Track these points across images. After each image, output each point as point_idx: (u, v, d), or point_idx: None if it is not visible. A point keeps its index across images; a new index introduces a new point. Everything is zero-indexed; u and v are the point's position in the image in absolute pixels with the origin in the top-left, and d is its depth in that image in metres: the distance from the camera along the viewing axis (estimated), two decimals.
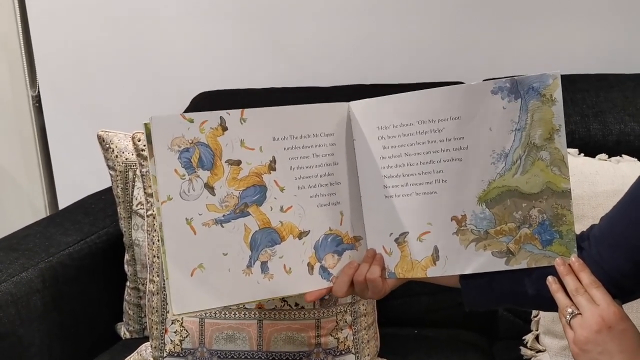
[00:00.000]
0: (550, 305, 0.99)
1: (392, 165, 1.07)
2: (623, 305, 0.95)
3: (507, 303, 1.12)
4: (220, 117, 1.03)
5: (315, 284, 1.10)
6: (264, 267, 1.06)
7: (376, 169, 1.08)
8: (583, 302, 0.93)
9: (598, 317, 0.91)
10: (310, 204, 1.08)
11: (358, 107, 1.09)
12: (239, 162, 1.05)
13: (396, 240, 1.09)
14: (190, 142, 1.02)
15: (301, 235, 1.08)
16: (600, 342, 0.90)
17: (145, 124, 1.01)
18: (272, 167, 1.06)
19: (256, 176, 1.05)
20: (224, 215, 1.04)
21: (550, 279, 0.99)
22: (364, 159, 1.10)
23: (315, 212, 1.09)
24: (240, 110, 1.04)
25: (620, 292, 0.97)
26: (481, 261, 1.05)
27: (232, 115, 1.04)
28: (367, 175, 1.10)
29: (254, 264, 1.05)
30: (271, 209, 1.06)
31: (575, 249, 1.01)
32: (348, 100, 1.10)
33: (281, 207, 1.07)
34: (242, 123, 1.04)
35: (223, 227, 1.04)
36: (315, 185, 1.09)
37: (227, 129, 1.04)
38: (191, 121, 1.02)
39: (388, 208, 1.08)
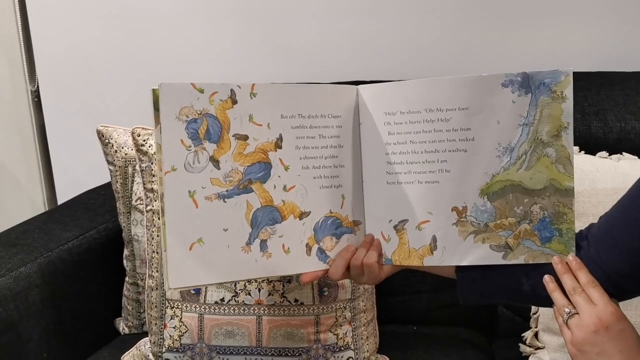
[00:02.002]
0: (545, 302, 1.00)
1: (397, 152, 1.06)
2: (620, 304, 0.95)
3: (501, 298, 1.11)
4: (231, 89, 1.02)
5: (312, 265, 1.09)
6: (263, 245, 1.05)
7: (380, 154, 1.08)
8: (580, 302, 0.93)
9: (595, 317, 0.91)
10: (313, 185, 1.07)
11: (366, 91, 1.09)
12: (246, 137, 1.03)
13: (395, 227, 1.09)
14: (199, 112, 1.00)
15: (302, 215, 1.07)
16: (598, 343, 0.90)
17: (154, 90, 0.98)
18: (278, 144, 1.05)
19: (262, 153, 1.04)
20: (227, 190, 1.02)
21: (547, 277, 0.99)
22: (369, 144, 1.09)
23: (317, 193, 1.08)
24: (251, 84, 1.03)
25: (618, 292, 0.97)
26: (479, 254, 1.05)
27: (242, 89, 1.02)
28: (371, 160, 1.09)
29: (253, 241, 1.04)
30: (274, 187, 1.05)
31: (574, 248, 1.01)
32: None
33: (284, 186, 1.06)
34: (252, 98, 1.03)
35: (225, 202, 1.02)
36: (319, 166, 1.08)
37: (236, 102, 1.02)
38: (201, 91, 1.00)
39: (389, 194, 1.08)
